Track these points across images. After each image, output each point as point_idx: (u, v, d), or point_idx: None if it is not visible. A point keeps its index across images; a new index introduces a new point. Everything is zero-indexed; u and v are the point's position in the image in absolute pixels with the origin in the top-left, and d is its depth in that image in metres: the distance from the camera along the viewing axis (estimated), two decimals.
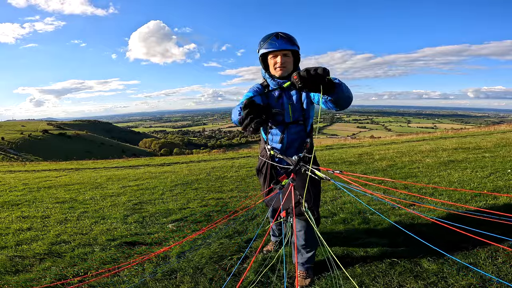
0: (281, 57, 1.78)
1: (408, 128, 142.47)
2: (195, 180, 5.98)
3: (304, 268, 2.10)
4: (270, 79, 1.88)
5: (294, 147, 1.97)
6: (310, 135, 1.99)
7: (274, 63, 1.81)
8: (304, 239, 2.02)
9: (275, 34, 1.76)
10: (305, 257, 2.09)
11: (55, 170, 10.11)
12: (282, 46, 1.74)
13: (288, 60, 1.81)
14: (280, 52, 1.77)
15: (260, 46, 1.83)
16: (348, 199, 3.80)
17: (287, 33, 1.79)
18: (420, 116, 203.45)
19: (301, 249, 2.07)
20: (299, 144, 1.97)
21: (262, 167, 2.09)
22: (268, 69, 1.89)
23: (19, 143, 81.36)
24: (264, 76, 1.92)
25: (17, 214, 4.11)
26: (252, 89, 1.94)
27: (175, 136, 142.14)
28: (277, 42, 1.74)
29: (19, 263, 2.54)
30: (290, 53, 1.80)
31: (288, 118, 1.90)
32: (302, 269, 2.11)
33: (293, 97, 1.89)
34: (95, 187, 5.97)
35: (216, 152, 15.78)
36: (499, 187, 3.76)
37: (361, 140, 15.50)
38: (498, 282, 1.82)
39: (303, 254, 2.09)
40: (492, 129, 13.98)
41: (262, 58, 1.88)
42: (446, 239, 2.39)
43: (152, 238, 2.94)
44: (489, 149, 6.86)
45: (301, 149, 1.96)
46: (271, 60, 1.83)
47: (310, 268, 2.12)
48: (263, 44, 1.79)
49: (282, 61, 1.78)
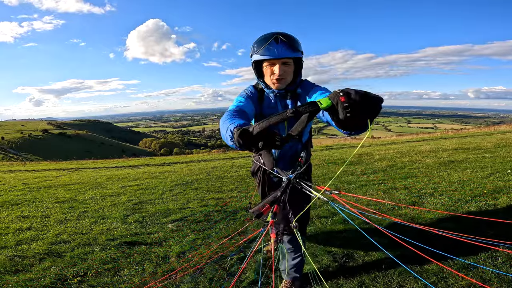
0: (280, 67, 1.43)
1: (408, 128, 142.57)
2: (195, 180, 5.98)
3: (290, 278, 1.92)
4: (266, 88, 1.57)
5: (286, 160, 1.71)
6: (306, 146, 1.73)
7: (271, 72, 1.47)
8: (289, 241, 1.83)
9: (274, 37, 1.39)
10: (291, 264, 1.89)
11: (55, 169, 10.11)
12: (283, 54, 1.39)
13: (287, 70, 1.46)
14: (279, 60, 1.42)
15: (253, 50, 1.48)
16: (348, 199, 3.80)
17: (289, 35, 1.42)
18: (420, 116, 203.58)
19: (286, 254, 1.88)
20: (291, 157, 1.71)
21: (257, 171, 1.89)
22: (263, 76, 1.55)
23: (19, 143, 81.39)
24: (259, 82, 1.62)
25: (17, 214, 4.11)
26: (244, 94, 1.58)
27: (175, 136, 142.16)
28: (276, 49, 1.39)
29: (19, 262, 2.54)
30: (292, 61, 1.46)
31: (284, 131, 1.60)
32: (288, 279, 1.94)
33: (288, 106, 1.58)
34: (95, 187, 5.97)
35: (216, 152, 15.78)
36: (499, 188, 3.76)
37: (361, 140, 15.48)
38: (498, 282, 1.82)
39: (289, 260, 1.89)
40: (492, 130, 13.99)
41: (255, 64, 1.54)
42: (445, 238, 2.38)
43: (152, 238, 2.94)
44: (489, 150, 6.86)
45: (293, 163, 1.64)
46: (267, 68, 1.48)
47: (296, 279, 1.92)
48: (258, 48, 1.44)
49: (280, 72, 1.43)
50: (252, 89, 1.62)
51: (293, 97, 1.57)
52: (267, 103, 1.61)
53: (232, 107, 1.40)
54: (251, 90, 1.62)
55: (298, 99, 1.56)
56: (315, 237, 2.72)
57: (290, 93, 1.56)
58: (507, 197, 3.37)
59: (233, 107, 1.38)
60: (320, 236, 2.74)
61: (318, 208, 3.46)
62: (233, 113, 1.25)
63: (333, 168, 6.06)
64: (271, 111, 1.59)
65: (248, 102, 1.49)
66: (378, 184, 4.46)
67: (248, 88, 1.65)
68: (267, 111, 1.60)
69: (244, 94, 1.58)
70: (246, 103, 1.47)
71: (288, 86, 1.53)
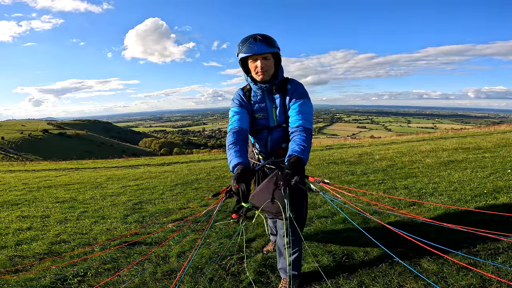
0: (261, 61, 1.72)
1: (408, 128, 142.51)
2: (195, 179, 5.98)
3: (288, 276, 1.90)
4: (253, 84, 1.82)
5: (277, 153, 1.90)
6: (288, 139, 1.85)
7: (255, 67, 1.75)
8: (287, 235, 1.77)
9: (253, 37, 1.68)
10: (289, 261, 1.88)
11: (55, 169, 10.11)
12: (262, 50, 1.67)
13: (268, 64, 1.74)
14: (260, 56, 1.70)
15: (239, 49, 1.75)
16: (348, 199, 3.80)
17: (265, 35, 1.72)
18: (420, 116, 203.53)
19: (283, 251, 1.90)
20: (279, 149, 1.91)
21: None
22: (249, 73, 1.83)
23: (19, 143, 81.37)
24: (247, 80, 1.87)
25: (17, 214, 4.11)
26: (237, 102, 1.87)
27: (175, 135, 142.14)
28: (255, 46, 1.67)
29: (19, 262, 2.54)
30: (271, 56, 1.74)
31: (273, 122, 1.86)
32: (285, 277, 1.94)
33: (276, 100, 1.84)
34: (95, 186, 5.97)
35: (216, 152, 15.78)
36: (499, 187, 3.76)
37: (361, 140, 15.50)
38: (498, 282, 1.82)
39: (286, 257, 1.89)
40: (492, 129, 13.98)
41: (242, 62, 1.82)
42: (445, 238, 2.39)
43: (152, 238, 2.94)
44: (489, 149, 6.86)
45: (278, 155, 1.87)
46: (252, 64, 1.77)
47: (295, 277, 1.92)
48: (242, 47, 1.72)
49: (262, 65, 1.72)
50: (241, 92, 1.91)
51: (282, 92, 1.83)
52: (254, 101, 1.87)
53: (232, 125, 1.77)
54: (241, 95, 1.90)
55: (286, 94, 1.82)
56: (315, 237, 2.72)
57: (276, 87, 1.81)
58: (507, 197, 3.37)
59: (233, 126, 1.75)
60: (320, 236, 2.73)
61: (318, 208, 3.46)
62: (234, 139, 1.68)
63: (333, 168, 6.06)
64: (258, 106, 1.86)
65: (243, 110, 1.81)
66: (378, 184, 4.46)
67: (237, 94, 1.92)
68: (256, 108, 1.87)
69: (237, 102, 1.87)
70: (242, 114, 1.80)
71: (272, 79, 1.79)
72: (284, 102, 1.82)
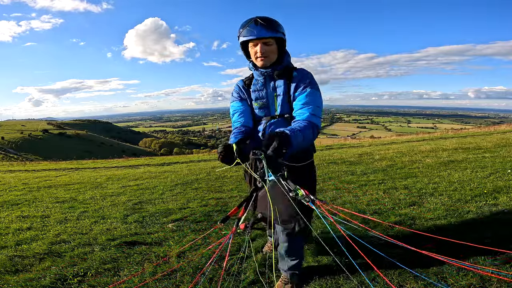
0: (261, 46, 1.59)
1: (408, 128, 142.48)
2: (195, 179, 5.98)
3: (288, 274, 1.96)
4: (254, 69, 1.73)
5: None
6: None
7: (255, 52, 1.63)
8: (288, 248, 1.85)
9: (253, 20, 1.56)
10: (289, 264, 1.94)
11: (55, 169, 10.12)
12: (261, 34, 1.54)
13: (269, 49, 1.61)
14: (260, 40, 1.58)
15: (239, 32, 1.63)
16: (348, 199, 3.80)
17: (268, 18, 1.58)
18: (420, 116, 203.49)
19: (285, 257, 1.91)
20: None
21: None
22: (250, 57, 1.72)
23: (19, 143, 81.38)
24: (249, 67, 1.76)
25: (17, 214, 4.11)
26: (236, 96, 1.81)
27: (175, 135, 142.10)
28: (255, 30, 1.54)
29: (19, 262, 2.54)
30: (273, 41, 1.60)
31: (274, 111, 1.72)
32: (286, 274, 1.98)
33: (278, 88, 1.69)
34: (95, 186, 5.97)
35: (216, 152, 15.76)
36: (499, 187, 3.76)
37: (361, 140, 15.51)
38: (498, 282, 1.82)
39: (287, 261, 1.93)
40: (492, 129, 13.98)
41: (243, 46, 1.71)
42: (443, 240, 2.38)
43: (152, 238, 2.94)
44: (489, 149, 6.86)
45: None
46: (252, 49, 1.65)
47: (294, 275, 1.96)
48: (242, 30, 1.60)
49: (262, 50, 1.59)
50: (241, 83, 1.84)
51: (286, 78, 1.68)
52: (254, 89, 1.76)
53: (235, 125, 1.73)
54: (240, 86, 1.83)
55: (292, 82, 1.68)
56: (315, 237, 2.72)
57: (278, 73, 1.68)
58: (507, 197, 3.37)
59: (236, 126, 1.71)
60: (320, 235, 2.73)
61: (318, 208, 3.45)
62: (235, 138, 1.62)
63: (333, 168, 6.06)
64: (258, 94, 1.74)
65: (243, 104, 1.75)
66: (378, 184, 4.46)
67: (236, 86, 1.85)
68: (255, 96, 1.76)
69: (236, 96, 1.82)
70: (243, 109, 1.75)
71: (274, 65, 1.67)
72: (289, 91, 1.67)
